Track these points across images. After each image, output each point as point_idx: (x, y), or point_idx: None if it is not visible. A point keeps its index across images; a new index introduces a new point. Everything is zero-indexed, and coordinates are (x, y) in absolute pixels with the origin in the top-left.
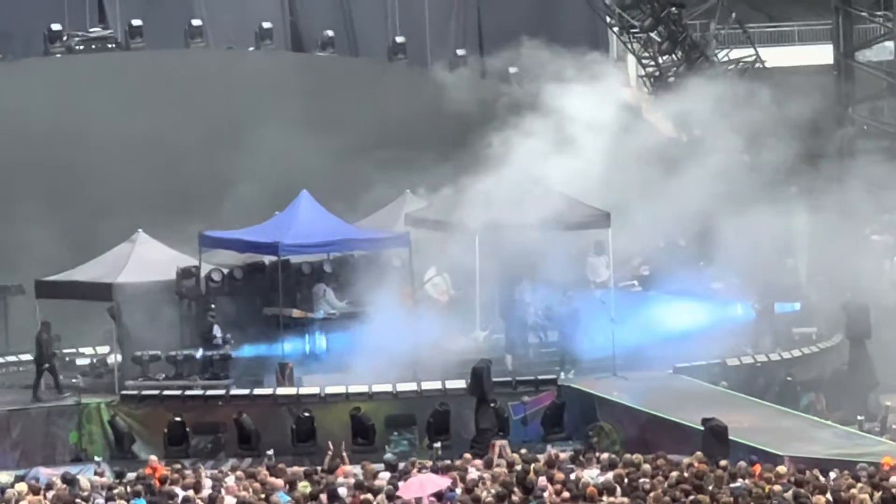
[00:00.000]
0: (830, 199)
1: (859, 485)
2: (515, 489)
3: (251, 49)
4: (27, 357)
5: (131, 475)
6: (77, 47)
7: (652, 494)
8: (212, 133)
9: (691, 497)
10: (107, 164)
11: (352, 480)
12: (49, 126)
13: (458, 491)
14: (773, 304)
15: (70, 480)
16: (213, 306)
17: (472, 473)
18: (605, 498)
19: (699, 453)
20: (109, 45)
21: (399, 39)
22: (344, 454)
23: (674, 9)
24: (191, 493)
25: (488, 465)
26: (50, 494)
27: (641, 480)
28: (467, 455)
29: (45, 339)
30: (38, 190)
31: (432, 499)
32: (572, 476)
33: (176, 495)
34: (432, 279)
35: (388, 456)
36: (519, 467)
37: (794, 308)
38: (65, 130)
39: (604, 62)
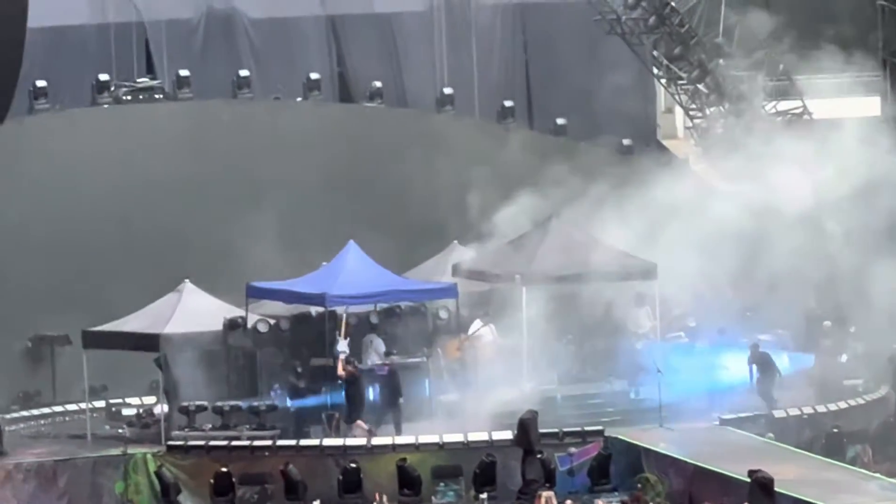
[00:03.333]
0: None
1: None
2: None
3: (299, 100)
4: (73, 407)
5: None
6: (125, 97)
7: None
8: (258, 183)
9: None
10: (153, 213)
11: None
12: (96, 175)
13: None
14: (819, 356)
15: None
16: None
17: None
18: None
19: None
20: (157, 96)
21: (447, 90)
22: None
23: (721, 61)
24: None
25: None
26: None
27: None
28: None
29: None
30: (84, 238)
31: None
32: None
33: None
34: (479, 330)
35: None
36: None
37: (841, 360)
38: (112, 179)
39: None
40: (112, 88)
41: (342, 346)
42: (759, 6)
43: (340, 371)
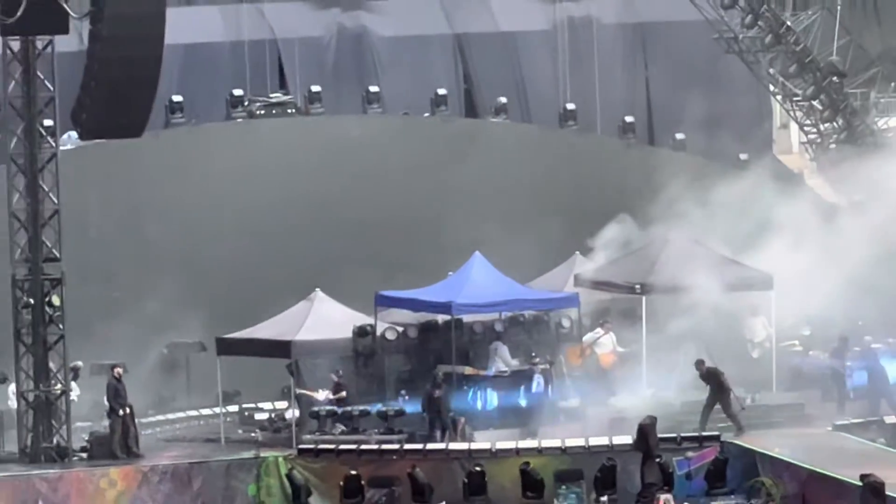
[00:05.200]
0: None
1: None
2: None
3: (426, 115)
4: (207, 412)
5: None
6: (258, 112)
7: None
8: (387, 195)
9: None
10: (285, 224)
11: None
12: (229, 187)
13: None
14: None
15: None
16: None
17: None
18: None
19: None
20: (289, 111)
21: (570, 106)
22: None
23: (835, 78)
24: None
25: None
26: None
27: None
28: None
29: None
30: (217, 249)
31: None
32: None
33: None
34: (599, 339)
35: None
36: None
37: None
38: (244, 191)
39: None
40: (246, 103)
41: None
42: (871, 25)
43: None
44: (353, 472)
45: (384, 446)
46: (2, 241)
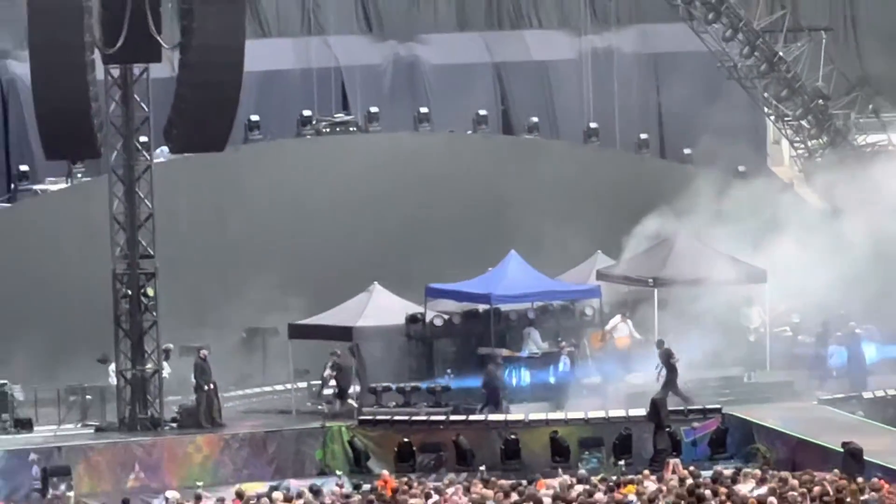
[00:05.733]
0: None
1: None
2: (686, 501)
3: (469, 132)
4: (280, 387)
5: (366, 487)
6: (324, 130)
7: None
8: (435, 200)
9: None
10: (347, 225)
11: (551, 491)
12: (299, 194)
13: (638, 502)
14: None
15: (316, 491)
16: None
17: (650, 487)
18: None
19: (838, 471)
20: (351, 129)
21: (592, 125)
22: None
23: (820, 101)
24: (417, 501)
25: (660, 480)
26: (299, 502)
27: (791, 494)
28: (646, 472)
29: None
30: (289, 246)
31: None
32: (736, 489)
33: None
34: (617, 325)
35: (581, 472)
36: (689, 482)
37: None
38: (313, 198)
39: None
40: (313, 122)
41: None
42: (852, 55)
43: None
44: (406, 440)
45: (433, 417)
46: (104, 241)
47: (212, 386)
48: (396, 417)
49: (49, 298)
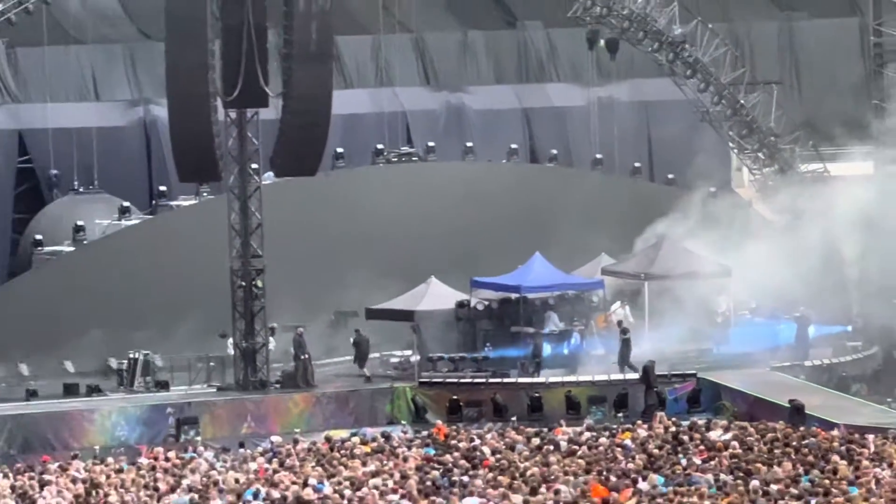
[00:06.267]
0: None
1: (889, 443)
2: (669, 444)
3: (503, 161)
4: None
5: (424, 433)
6: (392, 159)
7: (755, 447)
8: (477, 215)
9: (779, 450)
10: (410, 234)
11: (566, 437)
12: (374, 209)
13: (633, 444)
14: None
15: (386, 436)
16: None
17: (642, 433)
18: (727, 450)
19: (783, 422)
20: (413, 159)
21: (598, 156)
22: None
23: (772, 138)
24: (464, 444)
25: (650, 428)
26: (374, 445)
27: (748, 438)
28: (639, 422)
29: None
30: (367, 248)
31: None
32: (707, 435)
33: (454, 449)
34: (616, 310)
35: (589, 422)
36: (672, 429)
37: (846, 329)
38: (383, 213)
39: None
40: (385, 154)
41: None
42: (796, 103)
43: None
44: (455, 397)
45: (475, 380)
46: (223, 244)
47: (306, 356)
48: (448, 380)
49: (181, 289)
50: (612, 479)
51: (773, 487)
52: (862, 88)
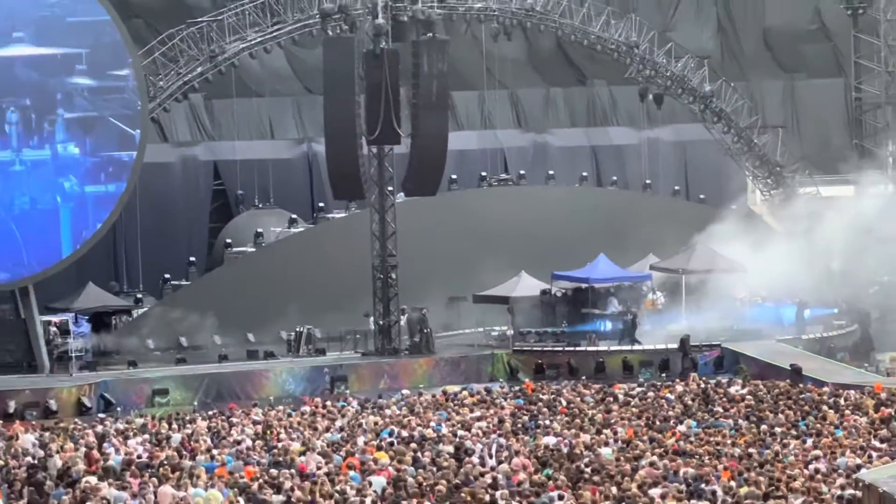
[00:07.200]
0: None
1: (865, 397)
2: (700, 397)
3: (577, 185)
4: (468, 331)
5: (517, 388)
6: (493, 183)
7: (765, 399)
8: (557, 226)
9: (782, 402)
10: (506, 241)
11: (622, 391)
12: (479, 223)
13: (673, 396)
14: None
15: (488, 390)
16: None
17: (679, 389)
18: (743, 401)
19: (787, 381)
20: (509, 183)
21: (647, 181)
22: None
23: (779, 168)
24: (545, 396)
25: (686, 385)
26: (478, 397)
27: (759, 392)
28: (678, 380)
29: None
30: (472, 253)
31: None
32: (729, 391)
33: (539, 400)
34: (660, 297)
35: (640, 380)
36: (702, 386)
37: (834, 311)
38: (487, 225)
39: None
40: (487, 179)
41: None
42: (797, 141)
43: None
44: (539, 361)
45: (555, 348)
46: (367, 246)
47: (428, 330)
48: (534, 348)
49: (335, 280)
50: (658, 423)
51: (778, 429)
52: (846, 132)
